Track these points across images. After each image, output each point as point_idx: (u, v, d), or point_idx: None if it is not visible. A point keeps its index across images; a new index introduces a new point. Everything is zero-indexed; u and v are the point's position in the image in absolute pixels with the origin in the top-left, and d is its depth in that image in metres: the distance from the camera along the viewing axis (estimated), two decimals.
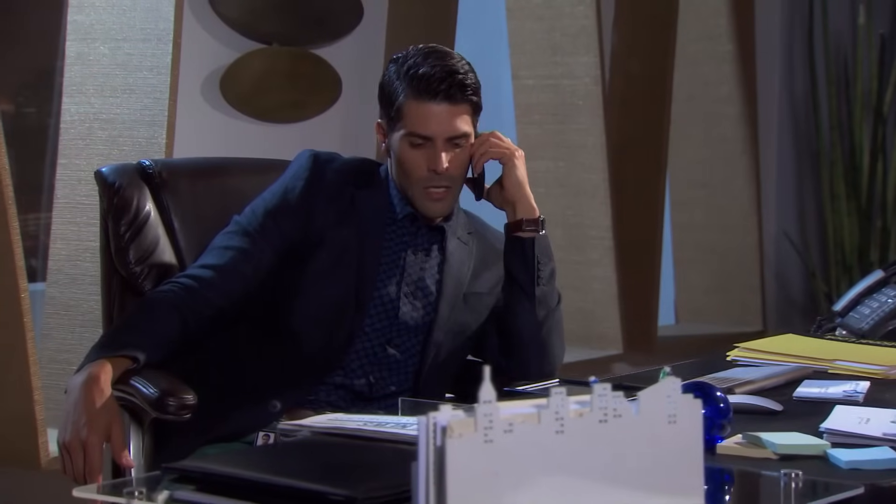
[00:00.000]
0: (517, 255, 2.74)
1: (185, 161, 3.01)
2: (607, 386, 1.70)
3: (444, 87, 2.63)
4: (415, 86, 2.64)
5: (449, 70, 2.65)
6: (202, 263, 2.68)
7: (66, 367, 3.71)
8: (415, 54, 2.68)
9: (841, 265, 5.59)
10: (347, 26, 4.27)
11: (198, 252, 2.73)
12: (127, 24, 3.72)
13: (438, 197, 2.68)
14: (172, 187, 2.81)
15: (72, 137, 3.77)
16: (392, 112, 2.68)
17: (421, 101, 2.64)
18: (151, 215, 2.77)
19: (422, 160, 2.66)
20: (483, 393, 1.64)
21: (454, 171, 2.68)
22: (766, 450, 2.06)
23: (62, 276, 3.75)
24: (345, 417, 2.13)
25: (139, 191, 2.78)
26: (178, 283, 2.64)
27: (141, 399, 2.44)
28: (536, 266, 2.72)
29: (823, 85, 5.64)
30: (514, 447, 1.66)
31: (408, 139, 2.66)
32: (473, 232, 2.83)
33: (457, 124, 2.66)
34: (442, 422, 1.65)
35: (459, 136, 2.67)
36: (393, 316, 2.71)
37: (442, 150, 2.65)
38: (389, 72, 2.70)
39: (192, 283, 2.64)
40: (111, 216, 2.76)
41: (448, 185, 2.68)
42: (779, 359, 2.78)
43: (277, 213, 2.69)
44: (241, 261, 2.67)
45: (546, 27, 4.95)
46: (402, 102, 2.65)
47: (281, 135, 4.15)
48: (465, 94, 2.66)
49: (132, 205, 2.75)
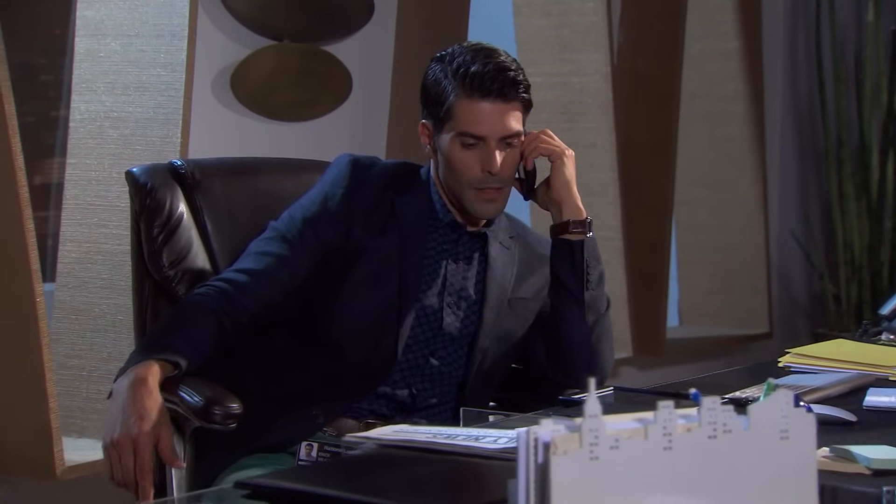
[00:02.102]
0: (565, 259, 2.65)
1: (218, 161, 2.91)
2: (716, 399, 1.61)
3: (497, 85, 2.55)
4: (467, 84, 2.55)
5: (501, 67, 2.56)
6: (238, 268, 2.58)
7: (77, 374, 3.61)
8: (462, 52, 2.59)
9: (850, 266, 5.52)
10: (358, 23, 4.17)
11: (231, 254, 2.65)
12: (139, 20, 3.61)
13: (492, 197, 2.60)
14: (205, 188, 2.71)
15: (81, 136, 3.66)
16: (441, 112, 2.58)
17: (473, 100, 2.55)
18: (185, 217, 2.67)
19: (474, 161, 2.57)
20: (589, 407, 1.55)
21: (507, 171, 2.60)
22: (858, 464, 1.97)
23: (72, 280, 3.64)
24: (411, 429, 2.03)
25: (172, 192, 2.68)
26: (214, 286, 2.54)
27: (185, 408, 2.35)
28: (585, 270, 2.64)
29: (831, 83, 5.57)
30: (621, 464, 1.56)
31: (459, 139, 2.57)
32: (515, 236, 2.74)
33: (510, 123, 2.57)
34: (544, 437, 1.55)
35: (512, 136, 2.58)
36: (437, 327, 2.63)
37: (496, 149, 2.57)
38: (434, 71, 2.61)
39: (228, 287, 2.54)
40: (143, 218, 2.66)
41: (500, 185, 2.60)
42: (834, 365, 2.69)
43: (316, 221, 2.60)
44: (278, 267, 2.57)
45: (554, 23, 4.86)
46: (452, 102, 2.56)
47: (292, 133, 4.04)
48: (517, 92, 2.57)
49: (165, 206, 2.65)
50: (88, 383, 3.61)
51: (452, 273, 2.65)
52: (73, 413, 3.59)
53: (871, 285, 5.47)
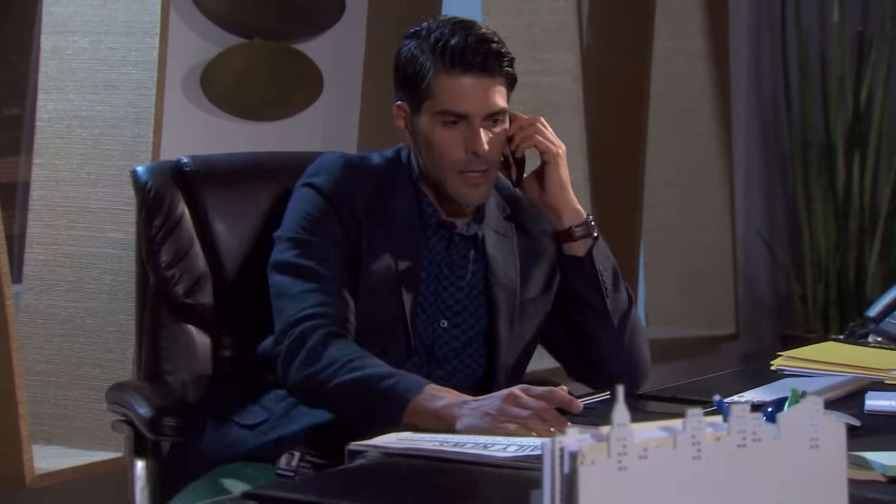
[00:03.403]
0: (578, 277, 2.51)
1: (226, 157, 2.80)
2: (745, 406, 1.56)
3: (480, 58, 2.37)
4: (446, 59, 2.36)
5: (482, 39, 2.39)
6: (307, 307, 2.36)
7: (45, 379, 3.52)
8: (439, 26, 2.42)
9: (816, 267, 5.49)
10: (329, 20, 4.10)
11: (238, 255, 2.56)
12: (109, 17, 3.52)
13: (476, 182, 2.41)
14: (211, 186, 2.62)
15: (49, 136, 3.57)
16: (419, 92, 2.40)
17: (453, 75, 2.36)
18: (185, 216, 2.59)
19: (457, 141, 2.39)
20: (617, 415, 1.50)
21: (493, 152, 2.41)
22: (873, 471, 1.92)
23: (39, 282, 3.56)
24: (416, 437, 1.96)
25: (173, 191, 2.60)
26: (328, 328, 2.35)
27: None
28: (601, 279, 2.52)
29: (796, 84, 5.54)
30: (650, 474, 1.51)
31: (440, 118, 2.39)
32: (509, 216, 2.56)
33: (494, 99, 2.39)
34: (571, 446, 1.50)
35: (497, 113, 2.40)
36: (441, 358, 2.48)
37: (479, 128, 2.38)
38: (409, 47, 2.42)
39: (335, 326, 2.36)
40: (142, 217, 2.58)
41: (486, 168, 2.41)
42: (828, 368, 2.65)
43: (325, 234, 2.42)
44: (339, 289, 2.40)
45: (524, 22, 4.80)
46: (430, 79, 2.37)
47: (263, 133, 3.97)
48: (501, 66, 2.40)
49: (164, 205, 2.57)
50: (56, 389, 3.53)
51: (450, 291, 2.49)
52: (40, 420, 3.50)
53: (837, 286, 5.45)
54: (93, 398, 3.46)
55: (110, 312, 3.47)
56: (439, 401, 2.15)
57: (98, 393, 3.39)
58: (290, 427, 2.37)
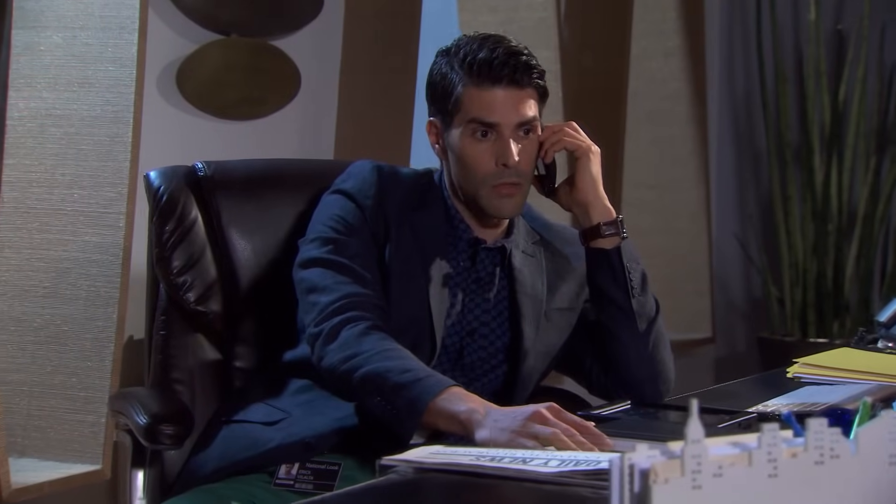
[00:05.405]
0: (605, 271, 2.47)
1: (242, 163, 2.74)
2: (823, 421, 1.46)
3: (508, 70, 2.38)
4: (475, 72, 2.39)
5: (511, 52, 2.40)
6: (345, 297, 2.34)
7: (17, 389, 3.38)
8: (468, 42, 2.44)
9: (794, 269, 5.42)
10: (307, 17, 3.98)
11: (252, 263, 2.46)
12: (84, 12, 3.38)
13: (509, 193, 2.41)
14: (225, 192, 2.55)
15: (20, 135, 3.42)
16: (449, 105, 2.41)
17: (483, 87, 2.38)
18: (198, 222, 2.50)
19: (488, 154, 2.39)
20: (691, 430, 1.40)
21: (524, 164, 2.41)
22: None
23: (11, 288, 3.41)
24: (449, 451, 1.85)
25: (185, 196, 2.54)
26: (369, 321, 2.32)
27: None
28: (628, 276, 2.46)
29: (772, 83, 5.47)
30: (725, 493, 1.41)
31: (470, 128, 2.39)
32: (538, 241, 2.57)
33: (524, 109, 2.40)
34: (642, 464, 1.40)
35: (528, 122, 2.40)
36: (467, 366, 2.46)
37: (510, 139, 2.38)
38: (439, 65, 2.45)
39: (375, 318, 2.33)
40: (154, 223, 2.52)
41: (518, 180, 2.41)
42: (846, 375, 2.57)
43: (356, 235, 2.41)
44: (374, 286, 2.39)
45: (501, 19, 4.70)
46: (460, 92, 2.40)
47: (239, 132, 3.84)
48: (531, 78, 2.41)
49: (176, 211, 2.51)
50: (30, 399, 3.38)
51: (476, 302, 2.47)
52: (13, 431, 3.35)
53: (815, 288, 5.38)
54: (68, 408, 3.32)
55: (87, 319, 3.33)
56: (462, 405, 2.11)
57: (74, 403, 3.26)
58: (314, 426, 2.30)
